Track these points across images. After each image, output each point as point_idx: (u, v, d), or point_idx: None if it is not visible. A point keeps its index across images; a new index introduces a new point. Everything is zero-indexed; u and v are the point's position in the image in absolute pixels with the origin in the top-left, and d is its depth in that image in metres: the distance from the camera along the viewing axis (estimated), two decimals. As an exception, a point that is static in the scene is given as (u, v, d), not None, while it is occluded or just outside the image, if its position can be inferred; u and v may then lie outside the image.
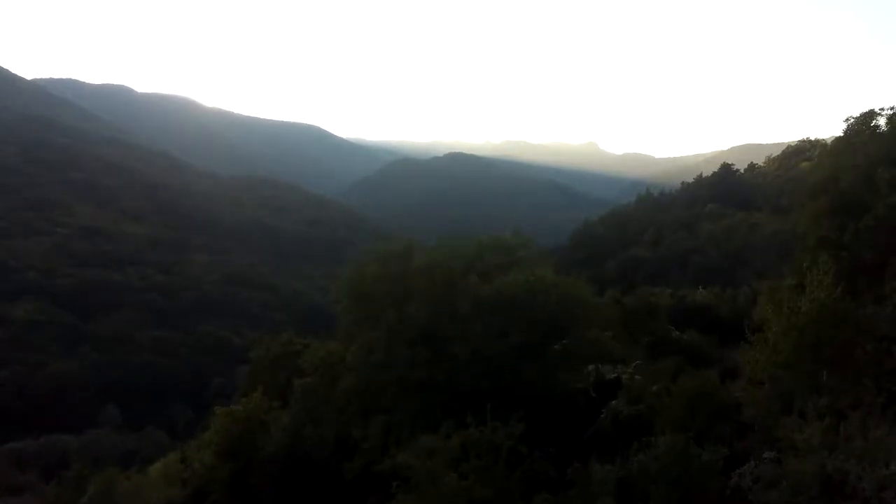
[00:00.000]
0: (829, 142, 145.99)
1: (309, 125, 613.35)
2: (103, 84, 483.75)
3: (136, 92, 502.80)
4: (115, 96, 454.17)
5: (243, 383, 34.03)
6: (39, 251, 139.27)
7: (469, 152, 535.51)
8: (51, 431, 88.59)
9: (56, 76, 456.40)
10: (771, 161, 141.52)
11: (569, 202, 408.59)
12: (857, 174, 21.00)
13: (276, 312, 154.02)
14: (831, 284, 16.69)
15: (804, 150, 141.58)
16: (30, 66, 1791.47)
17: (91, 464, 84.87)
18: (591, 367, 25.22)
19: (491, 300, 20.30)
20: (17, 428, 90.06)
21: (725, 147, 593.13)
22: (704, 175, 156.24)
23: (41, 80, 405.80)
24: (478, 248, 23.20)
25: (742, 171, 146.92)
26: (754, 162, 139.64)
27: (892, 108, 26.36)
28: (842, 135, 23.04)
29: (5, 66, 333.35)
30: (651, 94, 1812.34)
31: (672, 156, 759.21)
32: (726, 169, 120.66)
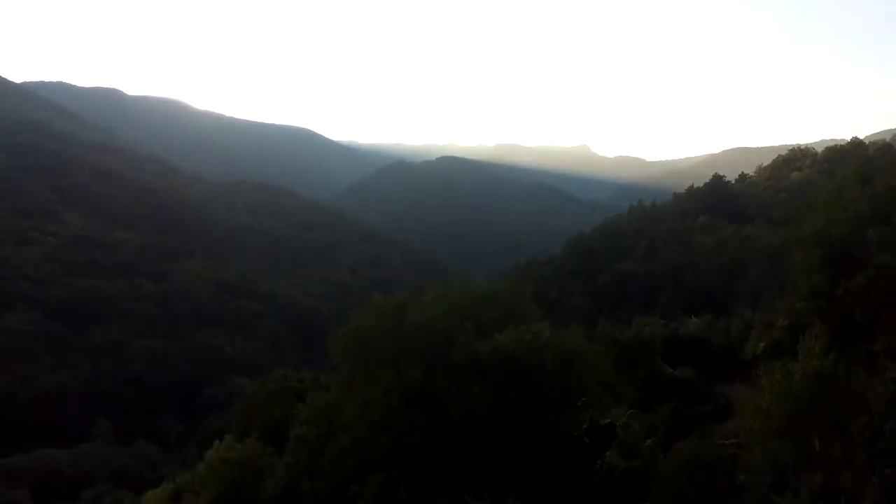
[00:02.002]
0: (818, 150, 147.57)
1: (301, 128, 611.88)
2: (94, 87, 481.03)
3: (127, 95, 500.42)
4: (106, 99, 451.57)
5: (238, 416, 33.93)
6: (31, 260, 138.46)
7: (462, 155, 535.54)
8: (41, 445, 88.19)
9: (46, 79, 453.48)
10: (762, 170, 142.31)
11: (561, 205, 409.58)
12: (849, 229, 21.26)
13: (268, 320, 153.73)
14: (824, 351, 16.92)
15: (795, 160, 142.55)
16: (19, 70, 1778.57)
17: (83, 480, 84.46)
18: (585, 414, 25.42)
19: (488, 359, 20.39)
20: (7, 442, 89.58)
21: (717, 150, 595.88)
22: (697, 179, 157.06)
23: (30, 83, 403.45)
24: (473, 300, 23.25)
25: (733, 181, 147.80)
26: (745, 172, 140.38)
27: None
28: (834, 185, 23.25)
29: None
30: (643, 98, 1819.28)
31: (664, 159, 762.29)
32: (717, 180, 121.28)
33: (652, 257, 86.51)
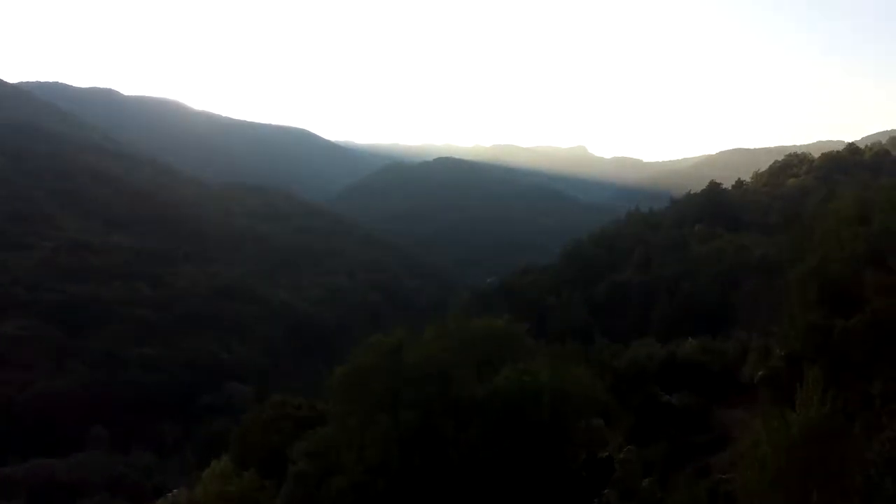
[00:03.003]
0: (815, 155, 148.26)
1: (298, 129, 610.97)
2: (90, 87, 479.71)
3: (124, 95, 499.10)
4: (102, 99, 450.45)
5: (235, 442, 33.90)
6: (26, 265, 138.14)
7: (459, 156, 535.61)
8: (37, 452, 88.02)
9: (42, 79, 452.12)
10: (758, 176, 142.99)
11: (558, 207, 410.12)
12: (846, 269, 21.33)
13: (265, 325, 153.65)
14: (821, 401, 16.96)
15: (791, 166, 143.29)
16: (15, 70, 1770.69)
17: (79, 489, 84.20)
18: (582, 448, 25.47)
19: (486, 402, 20.42)
20: (3, 450, 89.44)
21: (714, 151, 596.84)
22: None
23: (27, 83, 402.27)
24: (471, 338, 23.26)
25: (731, 186, 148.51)
26: (741, 179, 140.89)
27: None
28: (831, 221, 23.35)
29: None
30: (640, 98, 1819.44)
31: (661, 160, 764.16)
32: (714, 186, 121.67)
33: (648, 266, 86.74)
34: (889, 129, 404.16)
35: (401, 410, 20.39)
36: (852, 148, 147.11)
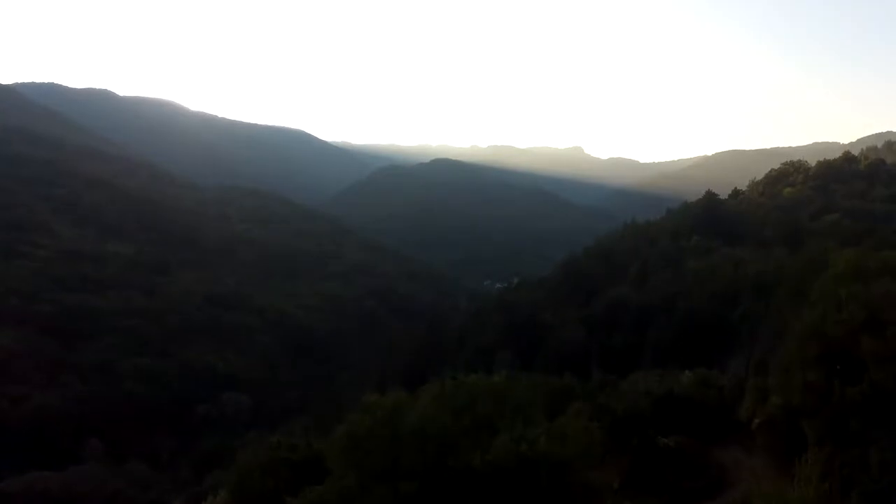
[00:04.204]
0: (810, 161, 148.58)
1: (295, 129, 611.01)
2: (85, 88, 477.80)
3: (119, 96, 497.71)
4: (98, 101, 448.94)
5: (231, 486, 33.71)
6: (21, 276, 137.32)
7: (456, 157, 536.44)
8: (33, 466, 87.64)
9: (37, 80, 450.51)
10: (754, 185, 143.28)
11: (555, 209, 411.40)
12: (844, 332, 21.32)
13: (261, 334, 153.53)
14: (819, 481, 16.97)
15: (787, 174, 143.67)
16: (9, 71, 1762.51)
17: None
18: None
19: (482, 472, 20.25)
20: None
21: (710, 152, 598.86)
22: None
23: (21, 84, 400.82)
24: (470, 399, 23.08)
25: (727, 193, 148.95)
26: (738, 188, 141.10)
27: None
28: (829, 281, 23.31)
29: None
30: (636, 100, 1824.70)
31: (657, 160, 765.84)
32: (710, 196, 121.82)
33: (645, 282, 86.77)
34: (884, 130, 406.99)
35: (400, 482, 20.16)
36: (848, 156, 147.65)
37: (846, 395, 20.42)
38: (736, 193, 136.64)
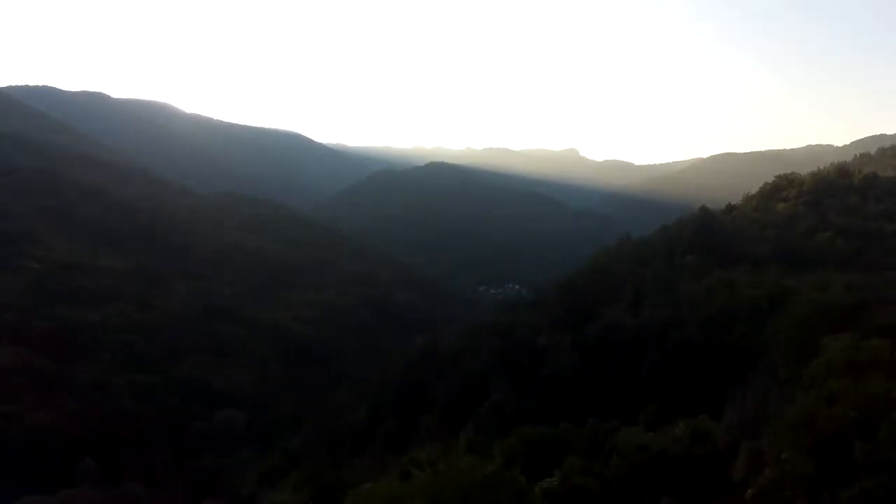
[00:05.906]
0: (804, 178, 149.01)
1: (290, 132, 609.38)
2: (79, 91, 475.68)
3: (113, 98, 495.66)
4: (92, 104, 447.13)
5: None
6: (15, 290, 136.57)
7: (451, 159, 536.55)
8: (27, 487, 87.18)
9: (31, 83, 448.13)
10: (748, 199, 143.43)
11: (550, 212, 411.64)
12: (836, 426, 21.39)
13: (256, 347, 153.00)
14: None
15: (781, 189, 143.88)
16: (2, 75, 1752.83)
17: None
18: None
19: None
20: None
21: (704, 155, 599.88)
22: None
23: (14, 87, 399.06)
24: (463, 490, 23.26)
25: (722, 202, 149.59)
26: (731, 203, 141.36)
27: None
28: (820, 369, 23.38)
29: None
30: (631, 102, 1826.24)
31: (652, 163, 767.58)
32: (705, 212, 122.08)
33: (639, 306, 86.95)
34: (877, 133, 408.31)
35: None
36: (842, 169, 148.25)
37: (838, 499, 20.50)
38: (730, 209, 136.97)
